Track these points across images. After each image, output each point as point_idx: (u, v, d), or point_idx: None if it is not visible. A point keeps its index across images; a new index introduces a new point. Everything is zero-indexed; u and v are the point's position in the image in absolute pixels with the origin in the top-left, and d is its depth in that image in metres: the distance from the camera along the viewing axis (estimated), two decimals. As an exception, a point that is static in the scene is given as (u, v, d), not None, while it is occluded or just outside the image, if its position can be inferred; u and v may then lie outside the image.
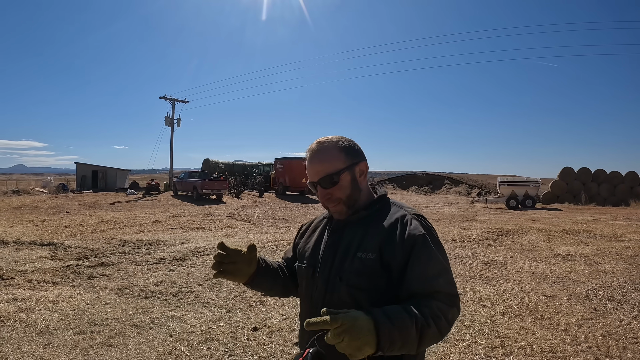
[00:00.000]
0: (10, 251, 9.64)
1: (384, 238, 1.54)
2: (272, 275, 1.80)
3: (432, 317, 1.33)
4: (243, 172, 41.86)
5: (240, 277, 1.69)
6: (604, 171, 30.02)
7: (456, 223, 16.70)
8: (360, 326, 1.20)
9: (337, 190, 1.61)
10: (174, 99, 38.14)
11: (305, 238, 1.85)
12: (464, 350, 4.58)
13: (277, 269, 1.85)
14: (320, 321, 1.20)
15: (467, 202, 30.20)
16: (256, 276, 1.73)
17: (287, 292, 1.89)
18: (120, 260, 8.88)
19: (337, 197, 1.62)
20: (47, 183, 35.79)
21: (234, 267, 1.65)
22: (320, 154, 1.63)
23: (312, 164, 1.64)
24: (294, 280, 1.85)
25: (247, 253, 1.68)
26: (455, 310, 1.43)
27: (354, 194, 1.64)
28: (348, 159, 1.63)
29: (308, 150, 1.67)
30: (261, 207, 24.15)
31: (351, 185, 1.63)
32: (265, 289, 1.83)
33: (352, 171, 1.64)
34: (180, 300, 6.30)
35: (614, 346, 4.67)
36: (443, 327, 1.36)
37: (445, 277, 1.46)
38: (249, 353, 4.52)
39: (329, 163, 1.61)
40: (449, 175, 46.55)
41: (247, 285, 1.76)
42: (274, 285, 1.82)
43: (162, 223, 15.90)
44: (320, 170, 1.62)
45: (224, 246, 1.64)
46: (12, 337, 4.78)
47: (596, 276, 7.85)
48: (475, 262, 9.12)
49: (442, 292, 1.42)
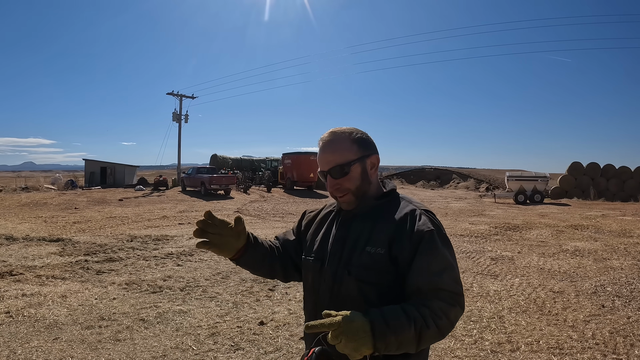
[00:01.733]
0: (19, 247, 9.73)
1: (393, 233, 1.52)
2: (261, 253, 1.76)
3: (432, 317, 1.33)
4: (251, 168, 41.92)
5: (227, 251, 1.65)
6: (612, 166, 29.84)
7: (464, 218, 16.66)
8: (356, 328, 1.23)
9: (346, 181, 1.60)
10: (181, 95, 38.22)
11: (313, 230, 1.81)
12: (470, 346, 4.57)
13: (267, 249, 1.80)
14: (318, 324, 1.23)
15: (475, 197, 30.12)
16: (245, 252, 1.70)
17: (272, 274, 1.85)
18: (129, 256, 8.93)
19: (346, 188, 1.60)
20: (56, 180, 36.01)
21: (220, 239, 1.61)
22: (333, 143, 1.62)
23: (323, 153, 1.63)
24: (284, 263, 1.83)
25: (234, 226, 1.63)
26: (458, 309, 1.41)
27: (363, 186, 1.62)
28: (360, 151, 1.62)
29: (321, 140, 1.65)
30: (269, 202, 24.21)
31: (361, 177, 1.61)
32: (251, 267, 1.78)
33: (363, 163, 1.62)
34: (187, 295, 6.33)
35: (621, 343, 4.64)
36: (444, 327, 1.36)
37: (450, 275, 1.44)
38: (255, 347, 4.54)
39: (340, 153, 1.60)
40: (457, 170, 46.44)
41: (234, 261, 1.72)
42: (262, 264, 1.78)
43: (170, 218, 15.98)
44: (331, 160, 1.60)
45: (210, 215, 1.59)
46: (20, 332, 4.83)
47: (604, 272, 7.81)
48: (483, 257, 9.10)
49: (445, 290, 1.41)
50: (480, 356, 4.35)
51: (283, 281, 1.90)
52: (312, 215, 1.88)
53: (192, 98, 39.19)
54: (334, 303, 1.54)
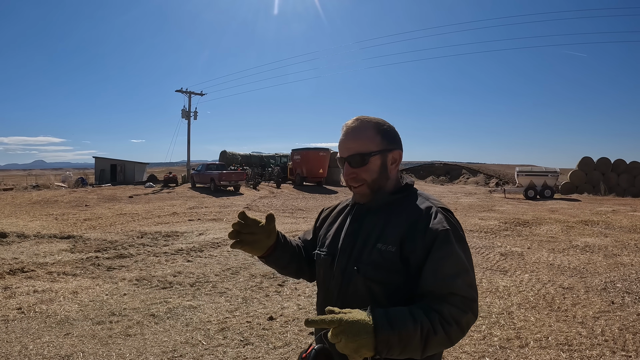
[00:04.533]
0: (30, 244, 9.82)
1: (406, 230, 1.46)
2: (289, 252, 1.74)
3: (442, 322, 1.27)
4: (260, 164, 41.96)
5: (258, 249, 1.63)
6: (623, 161, 29.56)
7: (474, 213, 16.60)
8: (358, 328, 1.18)
9: (364, 171, 1.54)
10: (190, 91, 38.33)
11: (327, 225, 1.77)
12: (479, 342, 4.57)
13: (295, 248, 1.78)
14: (318, 320, 1.19)
15: (485, 192, 29.97)
16: (274, 250, 1.68)
17: (300, 274, 1.83)
18: (139, 252, 8.99)
19: (362, 179, 1.55)
20: (66, 177, 36.24)
21: (252, 238, 1.60)
22: (356, 131, 1.56)
23: (345, 139, 1.57)
24: (309, 263, 1.80)
25: (265, 224, 1.61)
26: (470, 316, 1.34)
27: (380, 180, 1.56)
28: (383, 143, 1.56)
29: (345, 125, 1.59)
30: (278, 198, 24.23)
31: (379, 171, 1.55)
32: (279, 266, 1.76)
33: (384, 156, 1.56)
34: (197, 290, 6.37)
35: (630, 340, 4.62)
36: (453, 334, 1.29)
37: (464, 279, 1.37)
38: (265, 342, 4.56)
39: (362, 142, 1.54)
40: (467, 165, 46.23)
41: (263, 260, 1.71)
42: (290, 263, 1.76)
43: (180, 215, 16.05)
44: (352, 147, 1.55)
45: (244, 215, 1.58)
46: (32, 328, 4.89)
47: (614, 268, 7.76)
48: (493, 253, 9.07)
49: (458, 295, 1.34)
50: (488, 352, 4.35)
51: (309, 280, 1.87)
52: (328, 212, 1.85)
53: (201, 95, 39.32)
54: (342, 300, 1.52)
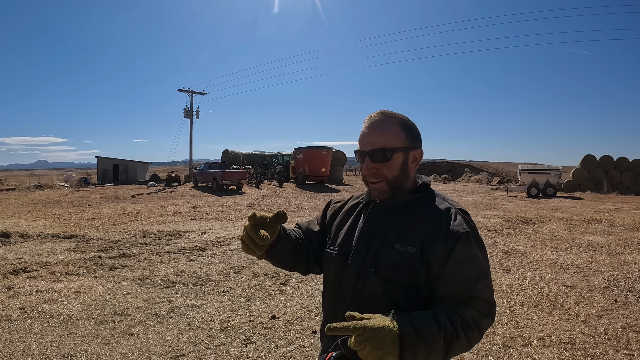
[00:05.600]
0: (33, 244, 9.83)
1: (427, 231, 1.42)
2: (288, 247, 1.64)
3: (463, 327, 1.26)
4: (262, 162, 41.98)
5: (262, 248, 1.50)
6: (626, 159, 29.50)
7: (476, 211, 16.58)
8: (383, 335, 1.13)
9: (385, 167, 1.49)
10: (192, 91, 38.37)
11: (338, 221, 1.70)
12: (482, 340, 4.55)
13: (294, 240, 1.68)
14: (341, 327, 1.14)
15: (488, 191, 29.96)
16: (275, 245, 1.58)
17: (295, 268, 1.75)
18: (142, 251, 9.01)
19: (383, 175, 1.50)
20: (69, 177, 36.31)
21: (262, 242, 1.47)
22: (381, 125, 1.50)
23: (369, 132, 1.51)
24: (307, 256, 1.73)
25: (273, 221, 1.49)
26: (489, 320, 1.34)
27: (400, 178, 1.52)
28: (407, 141, 1.52)
29: (368, 118, 1.54)
30: (281, 196, 24.25)
31: (401, 168, 1.51)
32: (276, 260, 1.66)
33: (406, 154, 1.52)
34: (200, 289, 6.38)
35: (633, 338, 4.60)
36: (474, 338, 1.29)
37: (485, 282, 1.36)
38: (267, 341, 4.57)
39: (387, 137, 1.49)
40: (469, 163, 46.24)
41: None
42: (286, 259, 1.67)
43: (183, 214, 16.07)
44: (376, 141, 1.49)
45: (254, 217, 1.46)
46: (35, 328, 4.90)
47: (617, 266, 7.75)
48: (495, 251, 9.05)
49: (479, 299, 1.33)
50: (491, 351, 4.35)
51: (303, 274, 1.80)
52: (339, 206, 1.78)
53: (202, 94, 39.35)
54: (356, 302, 1.47)
